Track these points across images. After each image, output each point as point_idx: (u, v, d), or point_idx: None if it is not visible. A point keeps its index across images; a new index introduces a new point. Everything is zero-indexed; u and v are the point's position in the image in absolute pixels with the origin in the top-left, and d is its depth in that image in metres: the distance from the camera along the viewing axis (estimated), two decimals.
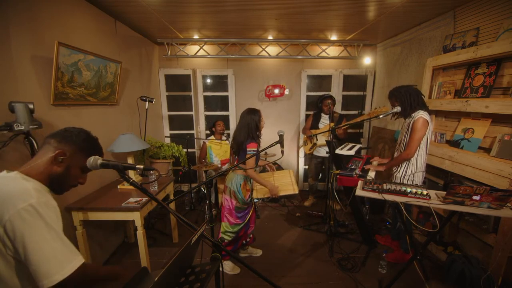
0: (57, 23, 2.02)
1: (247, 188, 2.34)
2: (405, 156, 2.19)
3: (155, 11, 2.67)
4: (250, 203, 2.41)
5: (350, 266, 2.48)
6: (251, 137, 2.23)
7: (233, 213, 2.33)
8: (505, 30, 2.04)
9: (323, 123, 3.66)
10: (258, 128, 2.28)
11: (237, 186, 2.27)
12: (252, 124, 2.24)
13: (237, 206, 2.32)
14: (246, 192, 2.32)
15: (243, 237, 2.50)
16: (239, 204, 2.31)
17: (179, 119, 4.45)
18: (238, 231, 2.37)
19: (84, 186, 2.26)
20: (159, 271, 0.83)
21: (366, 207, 3.37)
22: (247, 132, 2.23)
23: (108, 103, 2.69)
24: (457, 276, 1.99)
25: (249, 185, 2.36)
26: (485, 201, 1.42)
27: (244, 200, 2.30)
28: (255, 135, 2.26)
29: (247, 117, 2.26)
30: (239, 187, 2.28)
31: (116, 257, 2.66)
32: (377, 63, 4.19)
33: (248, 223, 2.46)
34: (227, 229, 2.36)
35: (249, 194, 2.36)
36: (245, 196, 2.30)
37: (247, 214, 2.40)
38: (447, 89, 2.56)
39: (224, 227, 2.37)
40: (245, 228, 2.45)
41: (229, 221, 2.35)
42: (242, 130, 2.25)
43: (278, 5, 2.58)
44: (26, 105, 1.59)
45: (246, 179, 2.33)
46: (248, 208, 2.41)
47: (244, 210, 2.36)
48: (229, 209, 2.33)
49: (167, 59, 4.11)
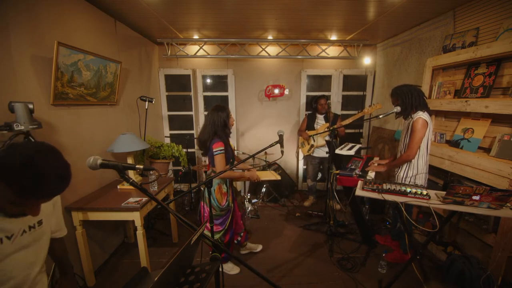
0: (57, 23, 2.02)
1: (223, 191, 2.21)
2: (406, 158, 2.18)
3: (155, 11, 2.67)
4: (227, 208, 2.27)
5: (350, 266, 2.48)
6: (218, 136, 2.12)
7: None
8: (504, 30, 2.04)
9: (319, 123, 3.66)
10: (227, 125, 2.16)
11: (210, 191, 2.14)
12: (218, 121, 2.12)
13: (213, 214, 2.20)
14: (222, 197, 2.19)
15: (231, 241, 2.40)
16: (215, 211, 2.20)
17: (179, 119, 4.45)
18: (221, 238, 2.28)
19: (84, 186, 2.30)
20: (159, 271, 0.83)
21: (366, 207, 3.37)
22: (212, 130, 2.12)
23: (108, 103, 2.69)
24: (457, 276, 1.99)
25: (224, 188, 2.23)
26: (485, 201, 1.43)
27: (220, 207, 2.19)
28: (221, 133, 2.14)
29: (213, 114, 2.15)
30: (213, 193, 2.16)
31: (116, 257, 2.66)
32: (377, 63, 4.19)
33: (231, 227, 2.36)
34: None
35: (227, 198, 2.23)
36: (220, 203, 2.18)
37: (226, 219, 2.29)
38: (447, 89, 2.56)
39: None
40: (230, 232, 2.35)
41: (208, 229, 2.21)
42: (207, 129, 2.14)
43: (278, 5, 2.58)
44: (26, 105, 1.59)
45: (221, 182, 2.21)
46: (227, 213, 2.29)
47: (222, 216, 2.26)
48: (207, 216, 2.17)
49: (167, 59, 4.11)
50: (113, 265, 2.54)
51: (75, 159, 2.18)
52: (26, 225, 0.95)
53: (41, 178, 0.76)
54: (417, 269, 2.22)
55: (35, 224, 0.99)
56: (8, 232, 0.89)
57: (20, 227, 0.93)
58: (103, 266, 2.50)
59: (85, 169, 2.21)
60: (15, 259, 0.91)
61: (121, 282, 2.28)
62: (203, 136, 2.17)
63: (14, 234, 0.90)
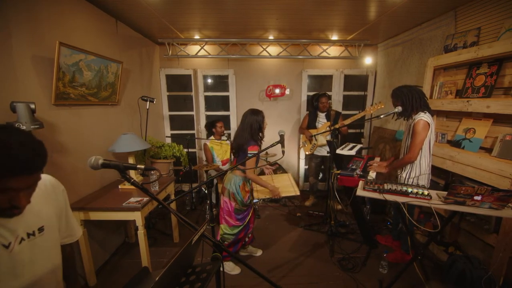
0: (58, 23, 2.02)
1: (246, 189, 2.31)
2: (408, 159, 2.17)
3: (156, 11, 2.67)
4: (250, 204, 2.38)
5: (351, 266, 2.47)
6: (253, 139, 2.19)
7: (232, 215, 2.30)
8: (506, 30, 2.04)
9: (320, 122, 3.63)
10: (261, 129, 2.25)
11: (236, 187, 2.25)
12: (255, 125, 2.20)
13: (236, 208, 2.29)
14: (245, 193, 2.29)
15: (242, 239, 2.47)
16: (239, 206, 2.28)
17: (180, 119, 4.46)
18: (237, 233, 2.35)
19: (85, 186, 2.30)
20: (159, 271, 0.83)
21: (367, 207, 3.37)
22: (250, 133, 2.19)
23: (109, 103, 2.69)
24: (457, 276, 1.98)
25: (248, 186, 2.34)
26: (487, 201, 1.42)
27: (244, 202, 2.28)
28: (257, 137, 2.22)
29: (250, 118, 2.22)
30: (238, 189, 2.25)
31: (117, 257, 2.67)
32: (378, 63, 4.19)
33: (248, 224, 2.43)
34: (226, 231, 2.33)
35: (248, 196, 2.33)
36: (244, 198, 2.27)
37: (247, 216, 2.38)
38: (448, 89, 2.56)
39: (223, 229, 2.35)
40: (245, 229, 2.42)
41: (228, 223, 2.32)
42: (245, 132, 2.21)
43: (278, 5, 2.58)
44: (27, 105, 1.59)
45: (245, 180, 2.30)
46: (248, 209, 2.38)
47: (243, 211, 2.34)
48: (228, 211, 2.30)
49: (168, 59, 4.11)
50: (114, 265, 2.54)
51: (77, 159, 2.19)
52: (24, 232, 0.86)
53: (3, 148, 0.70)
54: (419, 270, 2.22)
55: (35, 231, 0.90)
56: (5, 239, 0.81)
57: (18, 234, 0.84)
58: (104, 266, 2.51)
59: (86, 169, 2.24)
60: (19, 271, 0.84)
61: (122, 281, 2.28)
62: (241, 139, 2.22)
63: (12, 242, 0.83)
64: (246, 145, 2.18)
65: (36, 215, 0.92)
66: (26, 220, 0.88)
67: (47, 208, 0.97)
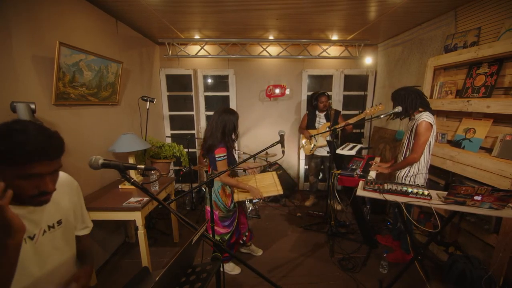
0: (58, 23, 2.02)
1: (227, 193, 2.21)
2: (411, 161, 2.17)
3: (156, 11, 2.67)
4: (234, 209, 2.27)
5: (351, 266, 2.47)
6: (224, 140, 2.04)
7: (218, 223, 2.22)
8: (506, 29, 2.03)
9: (320, 122, 3.62)
10: (235, 130, 2.11)
11: (215, 194, 2.14)
12: (230, 125, 2.04)
13: (220, 216, 2.21)
14: (227, 198, 2.19)
15: (236, 242, 2.43)
16: (223, 213, 2.20)
17: (180, 119, 4.46)
18: (229, 239, 2.29)
19: (85, 186, 2.30)
20: (160, 271, 0.83)
21: (367, 207, 3.37)
22: (222, 133, 2.04)
23: (109, 103, 2.69)
24: (457, 276, 1.98)
25: (228, 190, 2.23)
26: (487, 201, 1.42)
27: (227, 208, 2.20)
28: (229, 138, 2.06)
29: (224, 116, 2.04)
30: (218, 195, 2.16)
31: (117, 257, 2.67)
32: (378, 63, 4.19)
33: (237, 227, 2.36)
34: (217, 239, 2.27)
35: (231, 200, 2.22)
36: (226, 204, 2.18)
37: (234, 220, 2.30)
38: (448, 89, 2.56)
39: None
40: (236, 233, 2.36)
41: (217, 232, 2.22)
42: (218, 131, 2.05)
43: (279, 5, 2.58)
44: (28, 105, 1.59)
45: (223, 185, 2.19)
46: (234, 214, 2.29)
47: (229, 217, 2.26)
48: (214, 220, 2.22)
49: (168, 59, 4.11)
50: (114, 265, 2.55)
51: (77, 159, 2.19)
52: (45, 224, 0.95)
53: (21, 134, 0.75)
54: (420, 269, 2.22)
55: (54, 224, 0.98)
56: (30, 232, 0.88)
57: (41, 227, 0.92)
58: (104, 266, 2.51)
59: (86, 169, 2.24)
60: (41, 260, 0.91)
61: (122, 281, 2.28)
62: (211, 139, 2.07)
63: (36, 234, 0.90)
64: (215, 148, 2.04)
65: (55, 209, 1.00)
66: (48, 213, 0.96)
67: (64, 202, 1.05)
